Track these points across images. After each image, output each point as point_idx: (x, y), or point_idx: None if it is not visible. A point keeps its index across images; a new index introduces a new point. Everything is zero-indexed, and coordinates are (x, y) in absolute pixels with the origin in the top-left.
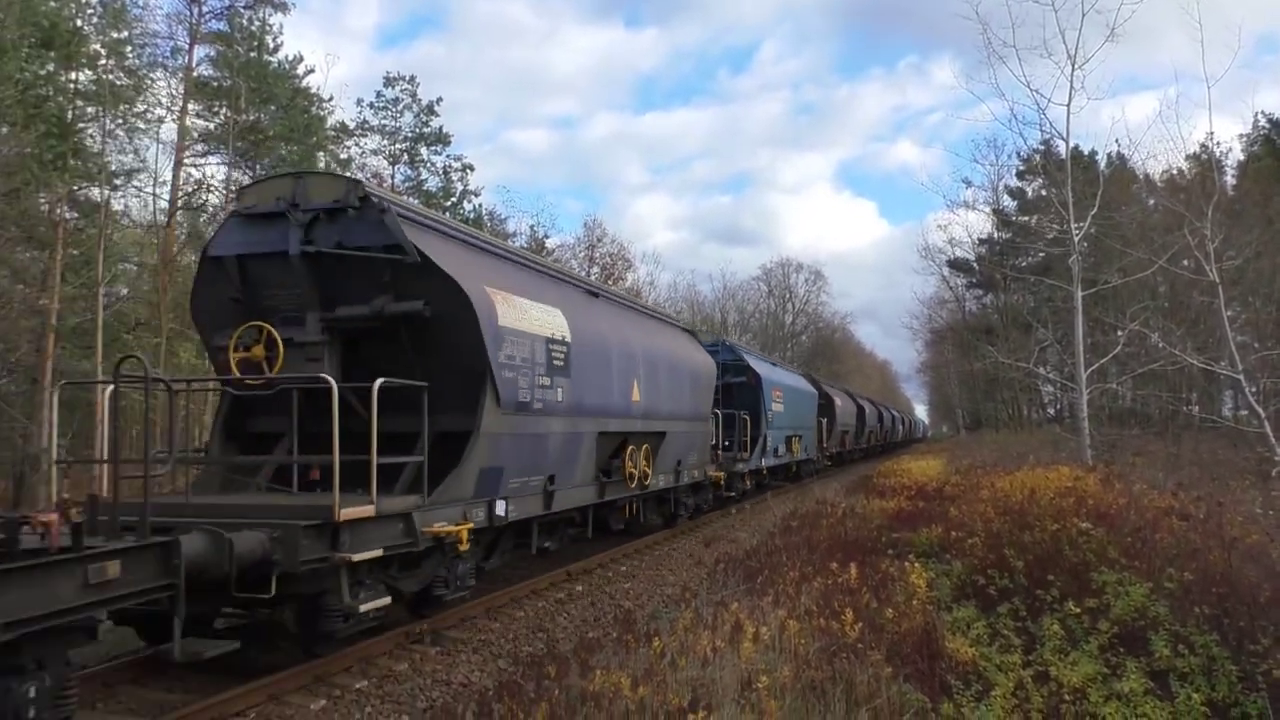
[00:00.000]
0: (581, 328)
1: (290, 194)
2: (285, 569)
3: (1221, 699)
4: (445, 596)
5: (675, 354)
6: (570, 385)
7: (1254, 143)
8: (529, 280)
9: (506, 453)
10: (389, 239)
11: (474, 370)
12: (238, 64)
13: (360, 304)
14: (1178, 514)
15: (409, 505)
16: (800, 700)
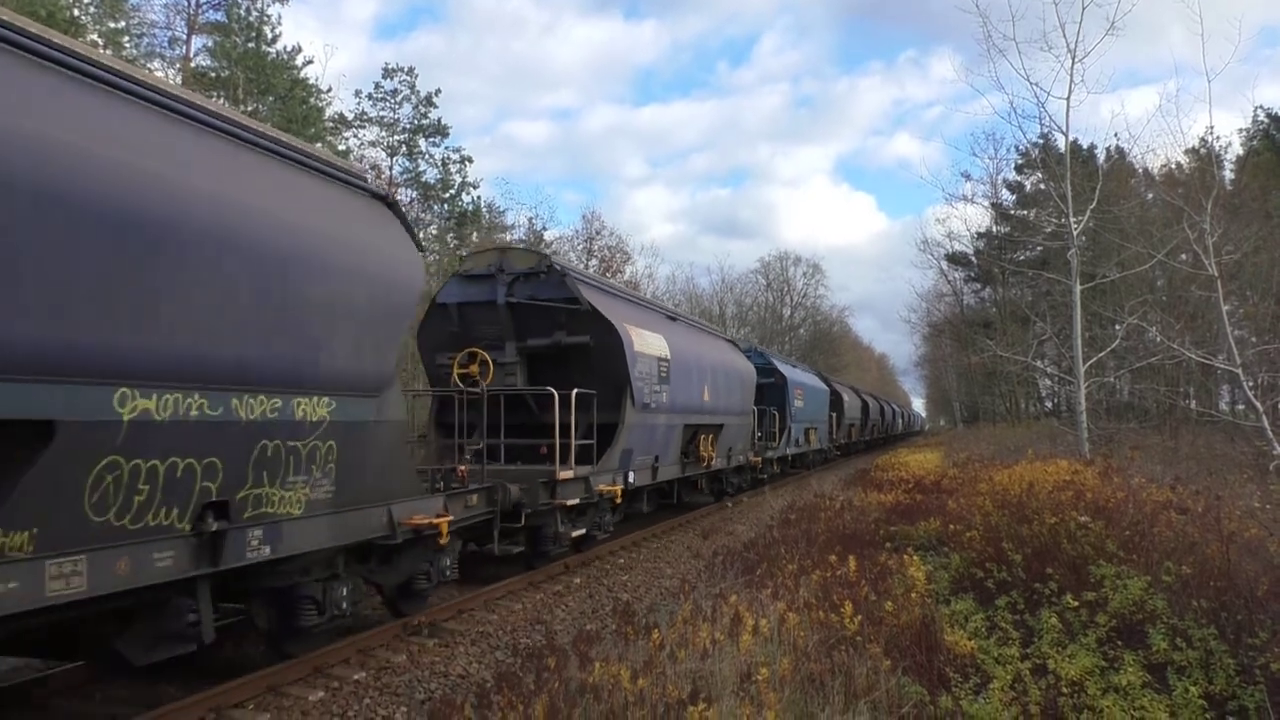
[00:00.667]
0: (675, 346)
1: (498, 262)
2: (530, 509)
3: (1219, 692)
4: (598, 536)
5: (729, 362)
6: (670, 390)
7: (1253, 137)
8: (645, 315)
9: (636, 439)
10: (567, 294)
11: (619, 382)
12: (236, 54)
13: (544, 337)
14: (1176, 508)
15: (587, 472)
16: (799, 692)
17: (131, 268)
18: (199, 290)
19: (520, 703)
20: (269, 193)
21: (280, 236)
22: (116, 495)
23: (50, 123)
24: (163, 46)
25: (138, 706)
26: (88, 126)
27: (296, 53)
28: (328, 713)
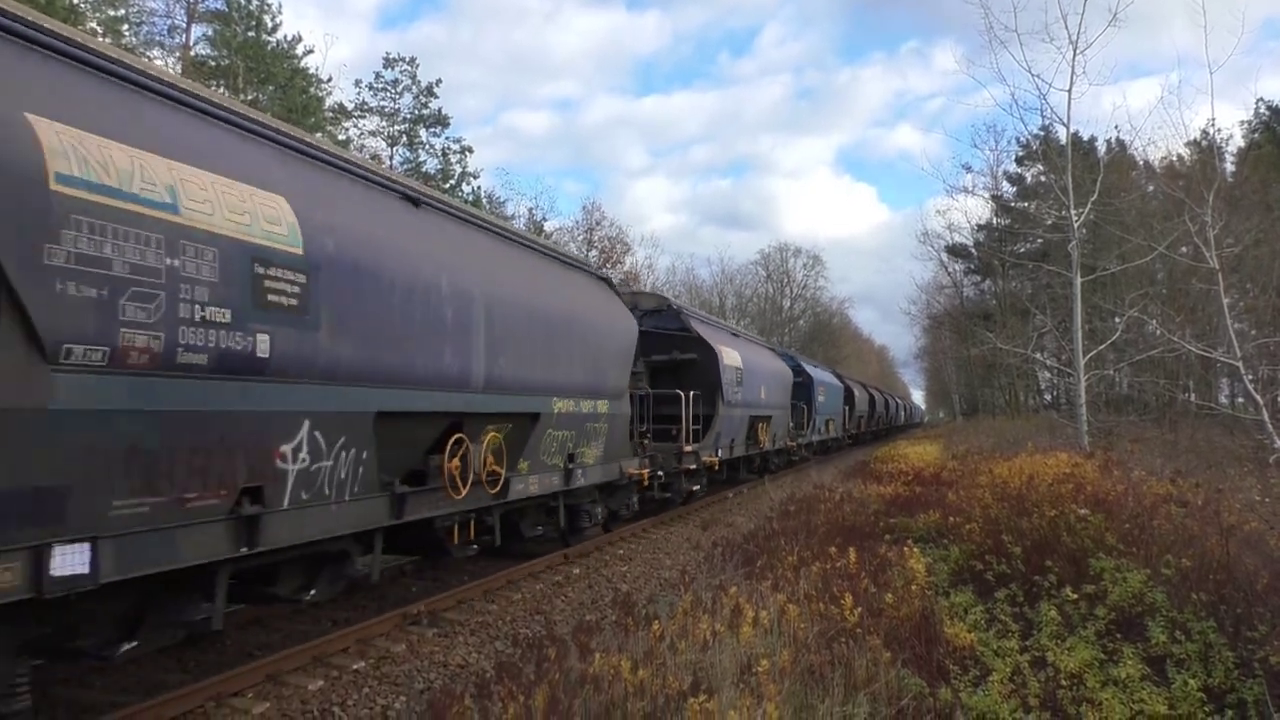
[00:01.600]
0: (745, 358)
1: (632, 302)
2: (667, 470)
3: (1218, 685)
4: (698, 492)
5: (776, 368)
6: (744, 391)
7: (1255, 130)
8: (726, 335)
9: (724, 426)
10: (680, 325)
11: (713, 385)
12: (236, 43)
13: (663, 354)
14: (1176, 501)
15: (695, 448)
16: (799, 684)
17: (550, 338)
18: (574, 349)
19: (520, 693)
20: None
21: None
22: (549, 448)
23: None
24: (162, 35)
25: (138, 694)
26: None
27: (297, 42)
28: (327, 701)
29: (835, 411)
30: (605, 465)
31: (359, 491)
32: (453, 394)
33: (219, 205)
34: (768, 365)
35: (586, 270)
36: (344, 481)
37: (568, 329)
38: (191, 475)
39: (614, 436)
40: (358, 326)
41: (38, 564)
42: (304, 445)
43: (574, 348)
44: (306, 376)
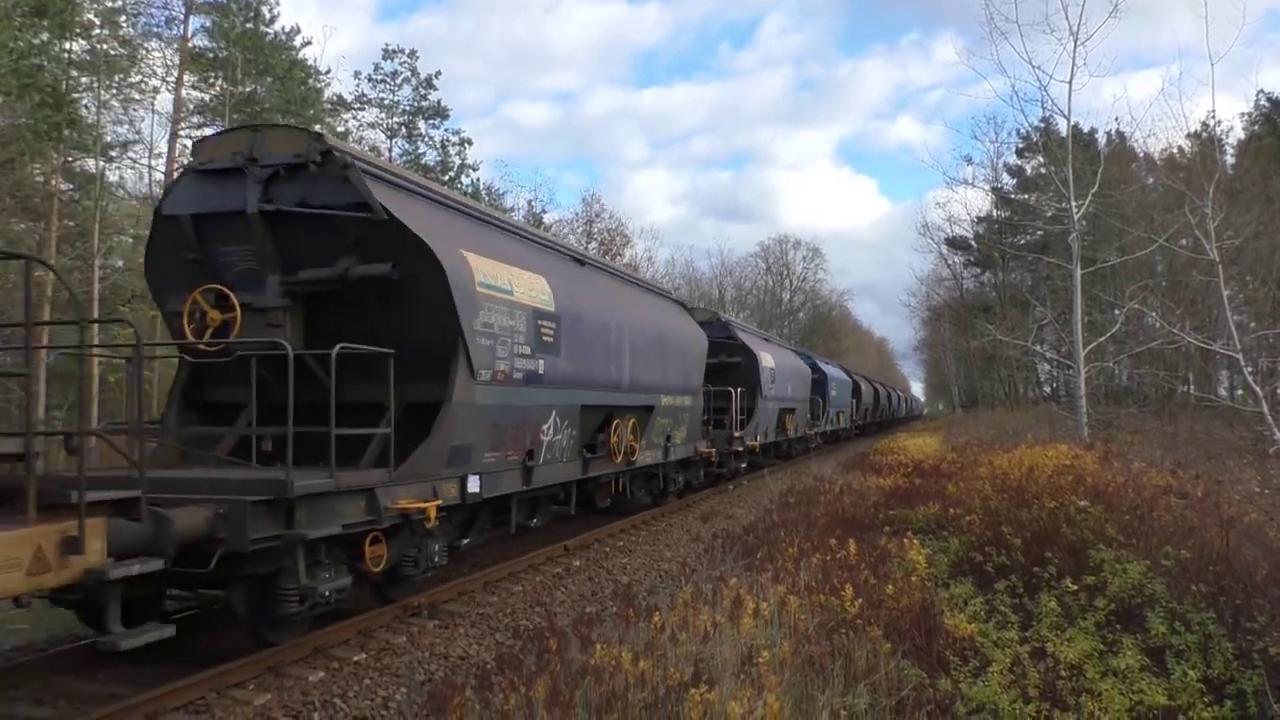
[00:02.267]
0: (777, 361)
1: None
2: (721, 452)
3: (1217, 676)
4: (744, 469)
5: (796, 365)
6: (776, 388)
7: (1255, 121)
8: (762, 340)
9: (762, 416)
10: (726, 333)
11: (753, 383)
12: (234, 35)
13: (714, 358)
14: (1176, 492)
15: (743, 434)
16: (800, 675)
17: (662, 354)
18: (671, 359)
19: (521, 684)
20: (663, 313)
21: (668, 332)
22: (657, 431)
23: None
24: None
25: (139, 686)
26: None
27: (295, 33)
28: (328, 693)
29: (845, 404)
30: (687, 445)
31: (569, 456)
32: (613, 393)
33: (523, 286)
34: (792, 365)
35: (670, 298)
36: (565, 448)
37: (665, 343)
38: (510, 441)
39: (693, 424)
40: (575, 353)
41: (462, 486)
42: (552, 426)
43: (670, 357)
44: (555, 384)
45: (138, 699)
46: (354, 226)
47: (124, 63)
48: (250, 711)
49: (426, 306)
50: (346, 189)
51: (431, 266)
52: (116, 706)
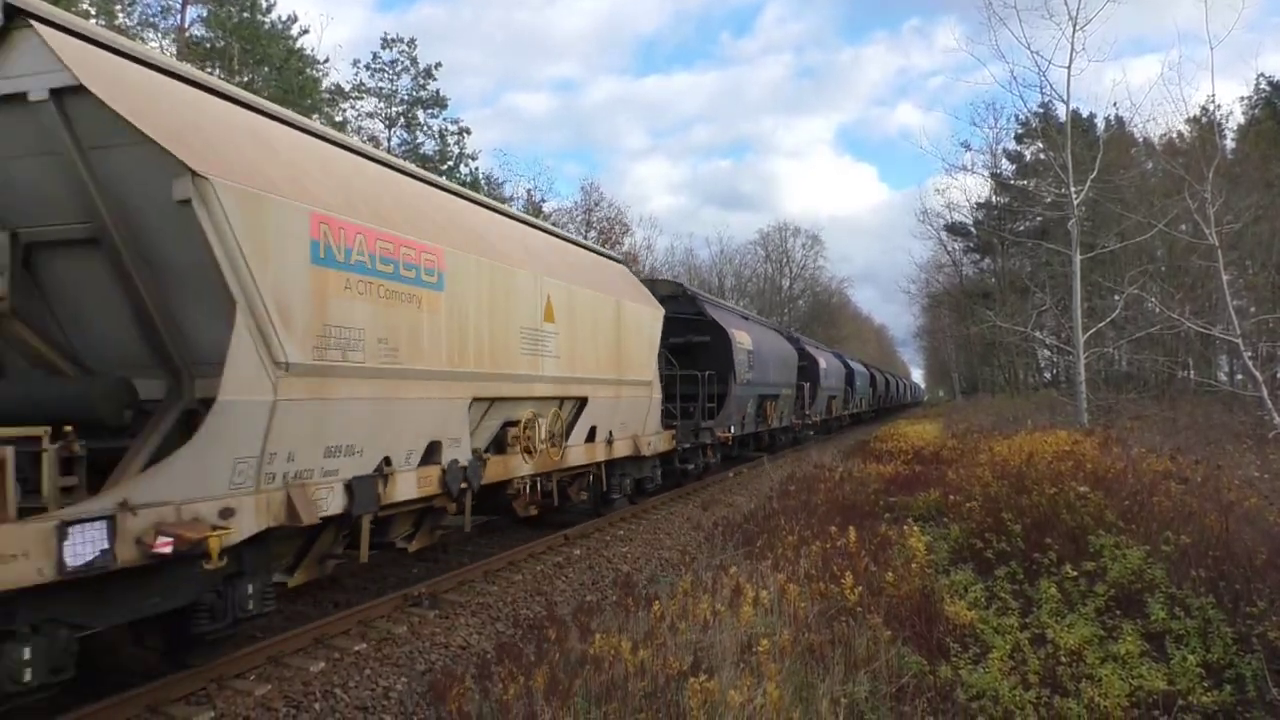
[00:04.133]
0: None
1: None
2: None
3: (1217, 661)
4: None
5: (780, 348)
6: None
7: (1255, 105)
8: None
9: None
10: (695, 309)
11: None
12: (230, 24)
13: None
14: (1175, 478)
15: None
16: (800, 663)
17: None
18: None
19: (521, 674)
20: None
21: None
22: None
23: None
24: (156, 16)
25: (141, 676)
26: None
27: (292, 22)
28: (329, 683)
29: (865, 393)
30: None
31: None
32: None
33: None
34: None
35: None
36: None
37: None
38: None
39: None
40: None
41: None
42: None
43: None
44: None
45: (139, 689)
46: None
47: None
48: (251, 702)
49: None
50: (693, 306)
51: (724, 337)
52: (117, 697)
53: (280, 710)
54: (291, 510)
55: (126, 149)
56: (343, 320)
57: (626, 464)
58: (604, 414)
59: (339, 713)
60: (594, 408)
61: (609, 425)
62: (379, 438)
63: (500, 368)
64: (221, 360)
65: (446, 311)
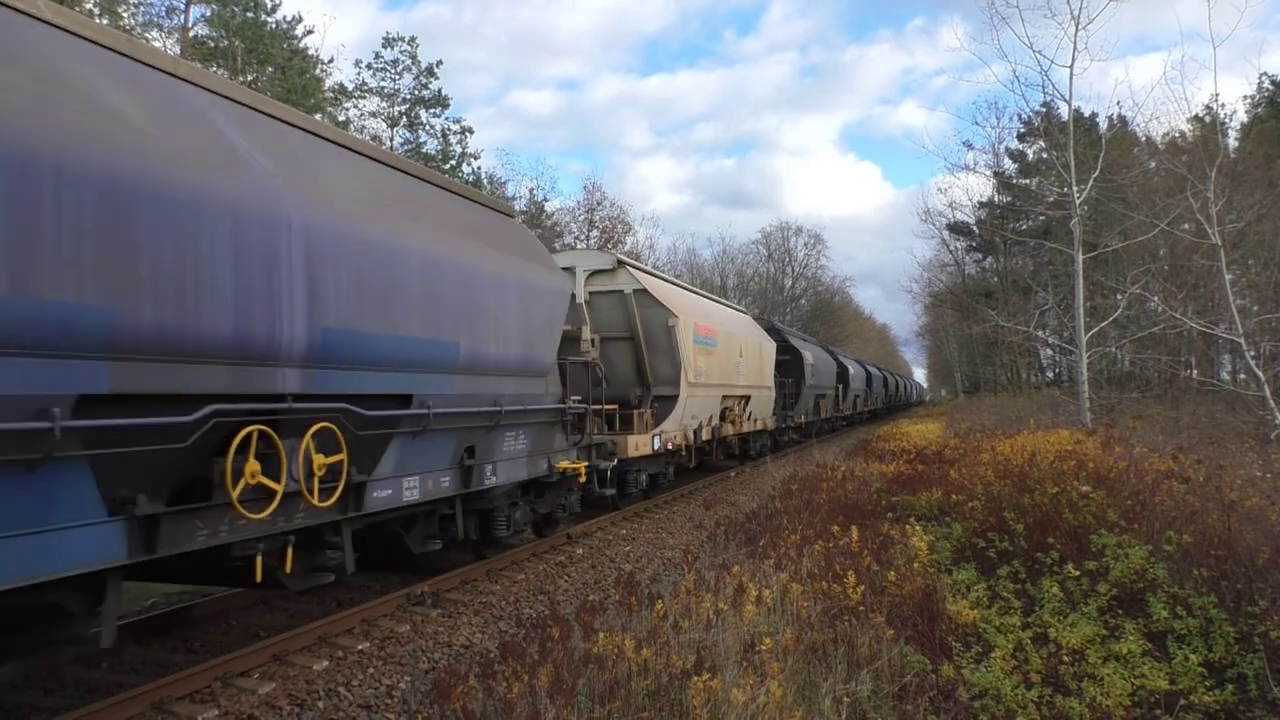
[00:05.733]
0: (814, 355)
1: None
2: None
3: (1219, 660)
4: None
5: (826, 358)
6: (814, 378)
7: (1258, 104)
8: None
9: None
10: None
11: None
12: (234, 24)
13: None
14: (1177, 477)
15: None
16: (803, 662)
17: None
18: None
19: (524, 673)
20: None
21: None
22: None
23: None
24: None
25: (144, 674)
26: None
27: (296, 22)
28: (332, 682)
29: (877, 393)
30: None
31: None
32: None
33: None
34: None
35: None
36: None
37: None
38: None
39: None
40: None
41: None
42: None
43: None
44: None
45: (143, 688)
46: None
47: None
48: (255, 700)
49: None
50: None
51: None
52: (123, 695)
53: (284, 708)
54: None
55: (651, 307)
56: (700, 366)
57: (761, 434)
58: (756, 405)
59: (343, 711)
60: (754, 402)
61: (759, 412)
62: (706, 411)
63: (729, 381)
64: (668, 380)
65: (718, 358)
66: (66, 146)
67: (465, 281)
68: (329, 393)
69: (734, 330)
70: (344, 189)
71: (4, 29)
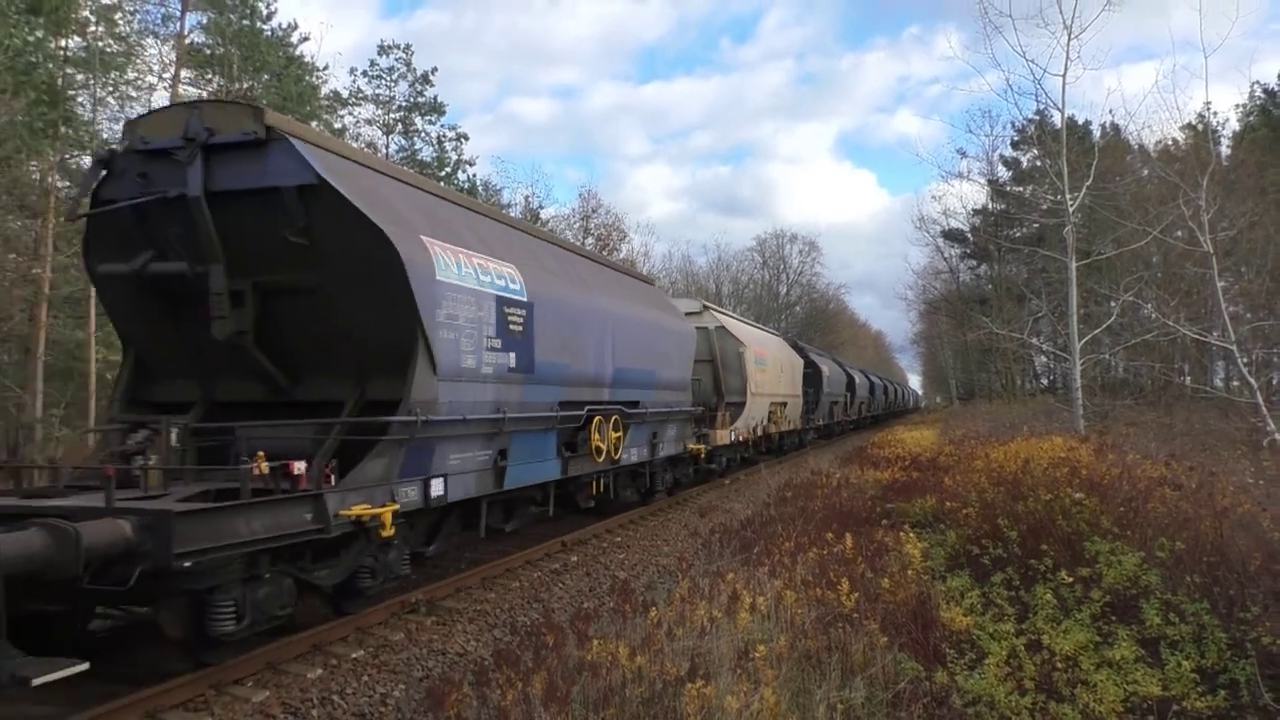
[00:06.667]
0: (829, 368)
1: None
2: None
3: (1211, 665)
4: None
5: (788, 357)
6: (829, 388)
7: (1250, 113)
8: (818, 355)
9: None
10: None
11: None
12: (230, 31)
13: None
14: (1170, 484)
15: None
16: (797, 669)
17: (651, 347)
18: (660, 353)
19: (519, 680)
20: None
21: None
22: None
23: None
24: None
25: (139, 682)
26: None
27: (292, 30)
28: (326, 690)
29: (878, 399)
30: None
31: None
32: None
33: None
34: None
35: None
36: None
37: (654, 337)
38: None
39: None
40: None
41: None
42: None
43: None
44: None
45: (136, 695)
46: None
47: (120, 60)
48: (249, 708)
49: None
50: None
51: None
52: (115, 704)
53: (278, 716)
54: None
55: (727, 339)
56: (758, 381)
57: (792, 433)
58: (790, 410)
59: (337, 719)
60: (789, 407)
61: (791, 415)
62: (760, 414)
63: (775, 391)
64: (737, 391)
65: (769, 374)
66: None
67: (653, 334)
68: (615, 401)
69: (777, 352)
70: (610, 290)
71: None
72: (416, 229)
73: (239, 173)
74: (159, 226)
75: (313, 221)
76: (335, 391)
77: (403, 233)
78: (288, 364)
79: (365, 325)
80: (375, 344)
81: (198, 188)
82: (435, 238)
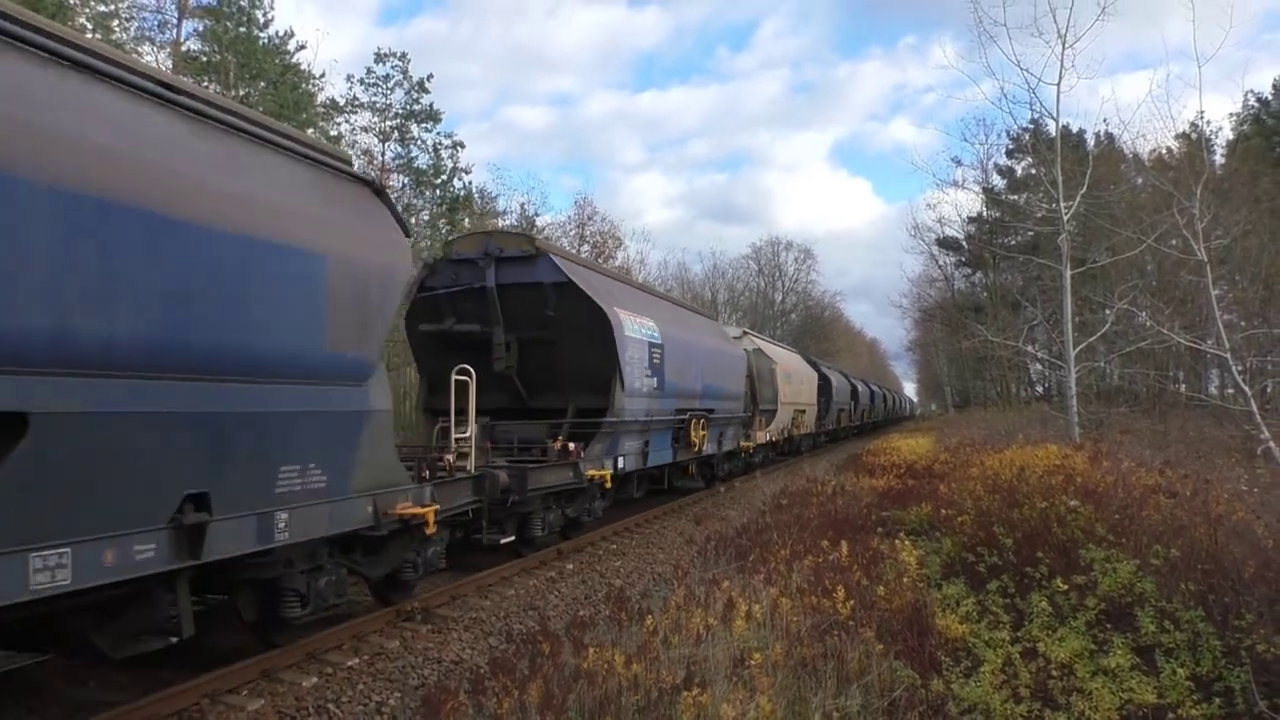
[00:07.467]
0: (836, 378)
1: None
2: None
3: (1206, 673)
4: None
5: (807, 371)
6: (838, 396)
7: (1244, 122)
8: (826, 367)
9: (831, 412)
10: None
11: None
12: (226, 39)
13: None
14: (1165, 491)
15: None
16: (792, 677)
17: (718, 369)
18: (723, 372)
19: (515, 688)
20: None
21: (722, 351)
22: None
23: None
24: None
25: (133, 692)
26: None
27: (288, 38)
28: (321, 698)
29: (879, 407)
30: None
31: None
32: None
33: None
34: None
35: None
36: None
37: (720, 361)
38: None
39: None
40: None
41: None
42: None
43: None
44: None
45: (131, 706)
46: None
47: None
48: (244, 717)
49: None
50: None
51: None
52: (110, 713)
53: None
54: (780, 435)
55: (762, 358)
56: (786, 391)
57: (807, 436)
58: (807, 416)
59: None
60: (807, 414)
61: (808, 421)
62: (787, 419)
63: (797, 400)
64: (769, 400)
65: (792, 386)
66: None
67: (721, 358)
68: (702, 408)
69: (798, 368)
70: (698, 328)
71: None
72: (614, 303)
73: (516, 273)
74: (460, 303)
75: (560, 303)
76: (557, 402)
77: (611, 308)
78: (528, 385)
79: (582, 362)
80: (588, 373)
81: (492, 282)
82: (621, 307)
